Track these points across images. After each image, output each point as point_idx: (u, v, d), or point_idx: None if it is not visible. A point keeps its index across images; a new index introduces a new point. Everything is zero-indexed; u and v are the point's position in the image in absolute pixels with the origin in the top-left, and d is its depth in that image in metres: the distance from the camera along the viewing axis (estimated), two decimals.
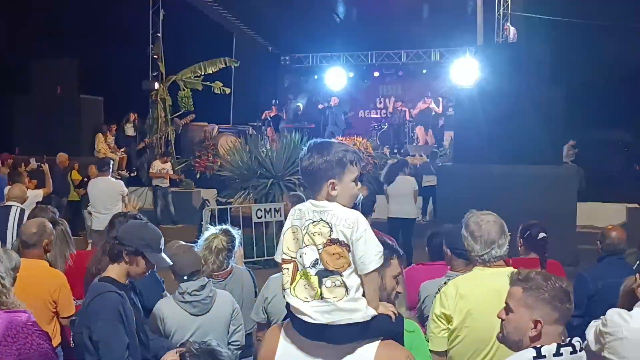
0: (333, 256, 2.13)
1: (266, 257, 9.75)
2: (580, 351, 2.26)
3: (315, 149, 2.23)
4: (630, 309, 3.00)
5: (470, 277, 3.16)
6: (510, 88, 10.84)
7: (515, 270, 2.42)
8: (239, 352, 3.91)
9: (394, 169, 10.62)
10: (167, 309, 3.64)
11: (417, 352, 2.54)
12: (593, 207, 12.52)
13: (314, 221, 2.19)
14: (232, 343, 3.80)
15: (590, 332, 3.11)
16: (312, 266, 2.15)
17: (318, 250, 2.15)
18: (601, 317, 3.00)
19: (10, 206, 6.72)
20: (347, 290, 2.13)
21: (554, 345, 2.23)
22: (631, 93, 17.86)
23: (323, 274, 2.14)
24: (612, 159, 18.09)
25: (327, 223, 2.17)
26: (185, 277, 3.68)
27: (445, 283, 3.45)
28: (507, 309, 2.36)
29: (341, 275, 2.13)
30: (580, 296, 4.41)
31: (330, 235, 2.15)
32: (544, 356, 2.22)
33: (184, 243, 3.92)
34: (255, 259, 9.48)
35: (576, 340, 2.28)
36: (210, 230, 4.42)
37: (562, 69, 12.78)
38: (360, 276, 2.17)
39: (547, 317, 2.26)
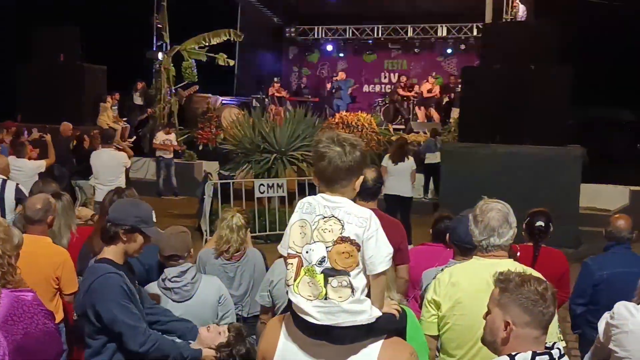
0: (342, 255, 2.07)
1: (268, 232, 9.78)
2: (560, 359, 2.19)
3: (351, 145, 2.16)
4: None
5: (466, 266, 3.15)
6: (517, 66, 10.75)
7: (500, 270, 2.36)
8: None
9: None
10: (151, 294, 3.64)
11: (409, 334, 2.52)
12: (596, 189, 12.48)
13: (325, 217, 2.12)
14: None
15: (601, 324, 3.11)
16: (319, 264, 2.08)
17: (327, 247, 2.09)
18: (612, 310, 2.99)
19: None
20: (353, 291, 2.08)
21: (529, 353, 2.16)
22: (638, 73, 17.71)
23: (330, 272, 2.07)
24: (617, 139, 18.02)
25: (339, 220, 2.10)
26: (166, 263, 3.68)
27: (442, 270, 3.47)
28: (488, 310, 2.33)
29: (348, 275, 2.08)
30: (584, 285, 4.42)
31: (341, 233, 2.09)
32: None
33: (181, 227, 3.90)
34: (257, 233, 9.49)
35: (556, 347, 2.21)
36: (226, 212, 4.43)
37: (570, 48, 12.65)
38: (367, 277, 2.12)
39: (518, 319, 2.19)
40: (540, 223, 4.51)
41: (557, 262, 4.50)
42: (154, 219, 3.24)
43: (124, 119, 16.45)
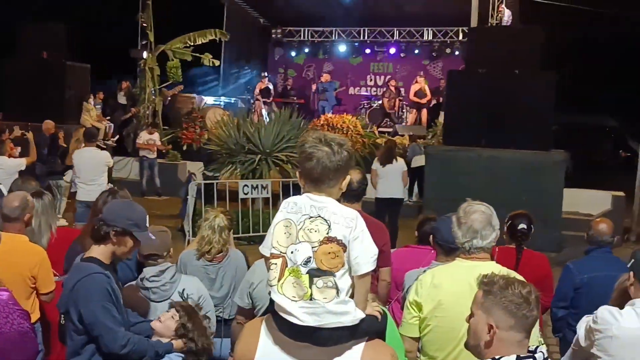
0: (328, 255, 2.05)
1: (251, 234, 9.73)
2: None
3: (339, 144, 2.16)
4: (622, 307, 2.99)
5: (448, 268, 3.14)
6: (502, 71, 10.80)
7: (485, 273, 2.34)
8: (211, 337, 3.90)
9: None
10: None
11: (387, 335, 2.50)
12: (578, 194, 12.56)
13: (311, 217, 2.10)
14: None
15: (581, 328, 3.10)
16: (305, 264, 2.06)
17: (313, 248, 2.07)
18: (593, 313, 2.98)
19: None
20: (338, 292, 2.06)
21: (513, 357, 2.15)
22: (621, 80, 17.90)
23: (315, 273, 2.06)
24: (599, 145, 18.20)
25: (326, 220, 2.09)
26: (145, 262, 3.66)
27: (425, 272, 3.47)
28: (471, 313, 2.32)
29: (334, 276, 2.06)
30: (566, 288, 4.43)
31: (327, 233, 2.07)
32: None
33: (161, 227, 3.85)
34: (240, 235, 9.44)
35: (540, 351, 2.20)
36: (209, 212, 4.38)
37: (555, 54, 12.74)
38: (352, 278, 2.11)
39: (502, 322, 2.18)
40: (522, 225, 4.52)
41: (539, 265, 4.52)
42: (147, 224, 3.21)
43: (107, 118, 16.32)
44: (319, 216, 2.10)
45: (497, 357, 2.17)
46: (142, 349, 3.03)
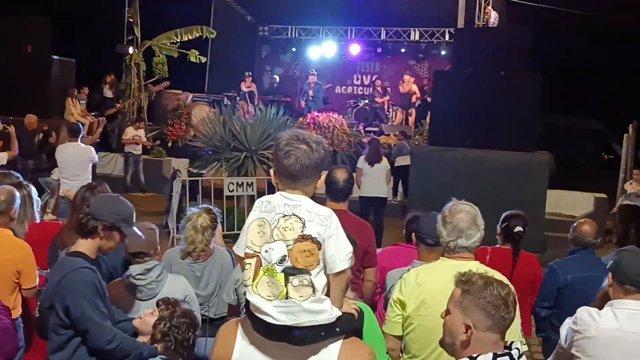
0: (303, 253, 2.04)
1: (236, 231, 9.69)
2: (519, 359, 2.19)
3: (315, 141, 2.15)
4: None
5: (432, 267, 3.15)
6: (488, 73, 10.85)
7: (462, 271, 2.34)
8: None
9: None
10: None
11: (367, 330, 2.50)
12: (561, 195, 12.68)
13: (286, 215, 2.09)
14: None
15: (563, 329, 3.12)
16: (279, 263, 2.04)
17: (288, 246, 2.05)
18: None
19: None
20: (314, 291, 2.04)
21: (490, 355, 2.15)
22: (605, 83, 18.05)
23: (290, 271, 2.04)
24: (584, 148, 18.35)
25: (300, 218, 2.07)
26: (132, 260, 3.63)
27: (408, 271, 3.47)
28: (447, 310, 2.31)
29: (309, 274, 2.04)
30: (549, 288, 4.46)
31: (302, 231, 2.06)
32: None
33: (149, 224, 3.82)
34: (225, 232, 9.39)
35: (515, 348, 2.20)
36: (192, 210, 4.34)
37: (541, 56, 12.81)
38: (327, 276, 2.10)
39: (480, 323, 2.18)
40: (519, 228, 4.55)
41: (532, 267, 4.56)
42: (134, 219, 3.19)
43: (94, 112, 16.17)
44: (294, 214, 2.08)
45: (474, 355, 2.17)
46: (127, 348, 2.99)
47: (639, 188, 11.84)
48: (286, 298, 2.03)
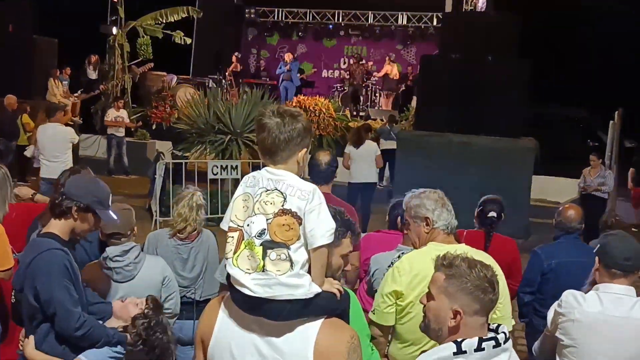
0: (282, 227, 2.03)
1: (220, 215, 9.61)
2: (505, 343, 2.14)
3: (291, 115, 2.12)
4: None
5: (425, 253, 3.07)
6: (475, 58, 10.80)
7: (441, 254, 2.28)
8: (174, 319, 3.83)
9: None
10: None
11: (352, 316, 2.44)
12: (546, 181, 12.72)
13: (268, 189, 2.09)
14: (164, 310, 3.68)
15: (550, 313, 3.10)
16: (258, 236, 2.05)
17: (267, 220, 2.05)
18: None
19: None
20: (292, 265, 2.04)
21: (475, 339, 2.11)
22: (593, 71, 18.09)
23: (268, 245, 2.04)
24: (569, 135, 18.41)
25: (281, 192, 2.07)
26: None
27: (398, 257, 3.40)
28: (429, 296, 2.24)
29: (288, 249, 2.04)
30: (533, 273, 4.44)
31: (282, 205, 2.05)
32: (465, 352, 2.10)
33: (124, 205, 3.75)
34: (209, 215, 9.31)
35: (502, 332, 2.17)
36: (185, 191, 4.32)
37: (529, 42, 12.78)
38: (308, 252, 2.08)
39: (468, 307, 2.13)
40: (492, 214, 4.51)
41: (507, 250, 4.50)
42: (110, 202, 3.10)
43: (76, 94, 15.93)
44: (276, 189, 2.08)
45: (459, 340, 2.13)
46: (96, 335, 2.91)
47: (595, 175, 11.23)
48: (263, 271, 2.03)
